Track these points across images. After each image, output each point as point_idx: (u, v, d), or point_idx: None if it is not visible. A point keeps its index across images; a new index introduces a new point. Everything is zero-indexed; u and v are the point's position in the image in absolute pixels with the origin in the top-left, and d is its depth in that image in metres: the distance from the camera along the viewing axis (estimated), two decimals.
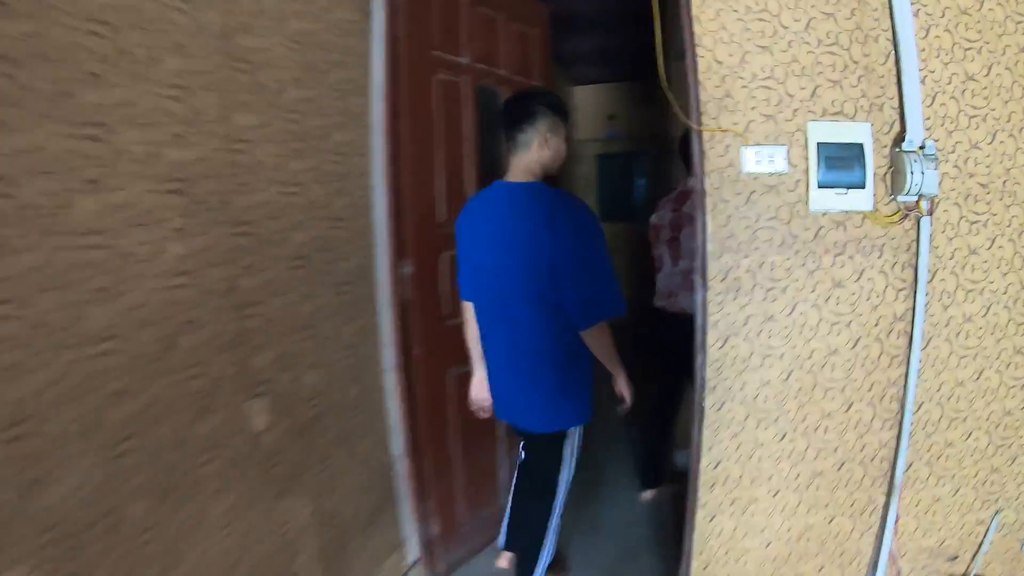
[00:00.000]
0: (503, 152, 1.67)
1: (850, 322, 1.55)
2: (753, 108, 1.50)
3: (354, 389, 1.78)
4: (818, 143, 1.47)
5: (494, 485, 2.42)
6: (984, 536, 1.68)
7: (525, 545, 1.79)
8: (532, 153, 1.61)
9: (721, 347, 1.60)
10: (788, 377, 1.60)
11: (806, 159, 1.49)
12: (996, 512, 1.66)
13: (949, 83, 1.46)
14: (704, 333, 1.61)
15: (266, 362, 1.43)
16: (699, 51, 1.50)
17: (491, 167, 2.32)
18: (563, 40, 3.92)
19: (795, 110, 1.49)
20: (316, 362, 1.60)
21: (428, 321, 2.03)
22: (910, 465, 1.62)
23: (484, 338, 1.75)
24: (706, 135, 1.53)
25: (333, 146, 1.69)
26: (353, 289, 1.77)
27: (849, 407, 1.60)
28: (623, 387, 1.75)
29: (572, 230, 1.54)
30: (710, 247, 1.56)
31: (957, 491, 1.65)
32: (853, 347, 1.56)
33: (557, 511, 1.77)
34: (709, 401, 1.64)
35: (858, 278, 1.53)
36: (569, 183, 5.39)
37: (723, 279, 1.57)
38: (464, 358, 2.15)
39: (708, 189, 1.54)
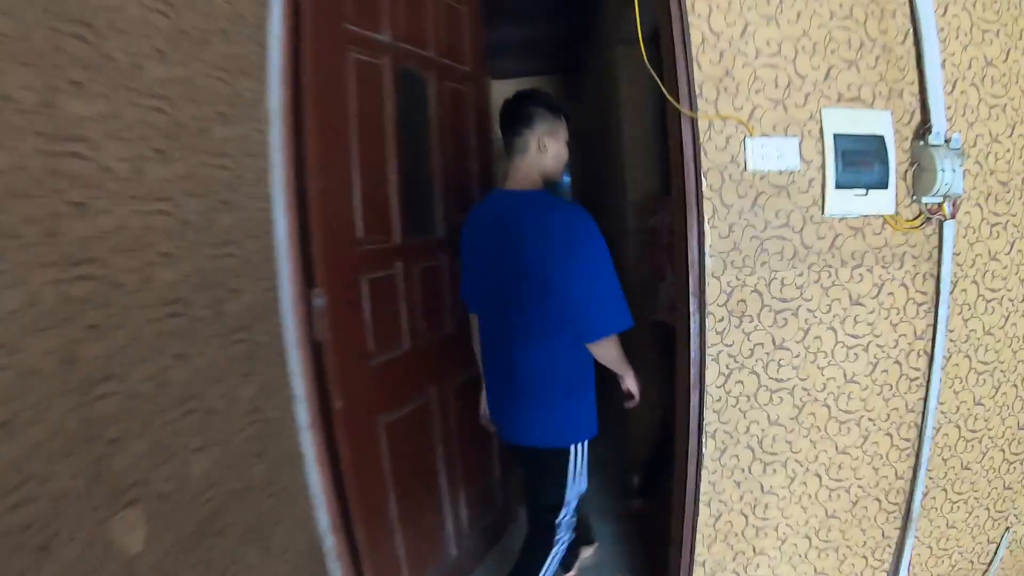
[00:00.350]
0: (505, 157, 1.54)
1: (868, 344, 1.34)
2: (758, 91, 1.24)
3: (261, 466, 1.34)
4: (834, 134, 1.23)
5: (440, 540, 2.06)
6: (995, 555, 1.55)
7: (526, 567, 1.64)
8: (530, 158, 1.48)
9: (723, 384, 1.34)
10: (799, 413, 1.36)
11: (821, 154, 1.25)
12: (1007, 529, 1.53)
13: (969, 68, 1.27)
14: (702, 368, 1.34)
15: (133, 458, 0.99)
16: (692, 20, 1.21)
17: (416, 168, 1.93)
18: (485, 30, 3.58)
19: (807, 94, 1.24)
20: (205, 442, 1.16)
21: (349, 362, 1.62)
22: (926, 494, 1.45)
23: (485, 350, 1.64)
24: (702, 125, 1.25)
25: (215, 144, 1.24)
26: (250, 335, 1.32)
27: (865, 439, 1.39)
28: (631, 384, 1.60)
29: (572, 242, 1.34)
30: (709, 263, 1.29)
31: (971, 514, 1.51)
32: (871, 373, 1.35)
33: (563, 533, 1.60)
34: (709, 447, 1.38)
35: (877, 293, 1.32)
36: (493, 182, 5.05)
37: (725, 302, 1.30)
38: (396, 402, 1.79)
39: (706, 191, 1.26)
